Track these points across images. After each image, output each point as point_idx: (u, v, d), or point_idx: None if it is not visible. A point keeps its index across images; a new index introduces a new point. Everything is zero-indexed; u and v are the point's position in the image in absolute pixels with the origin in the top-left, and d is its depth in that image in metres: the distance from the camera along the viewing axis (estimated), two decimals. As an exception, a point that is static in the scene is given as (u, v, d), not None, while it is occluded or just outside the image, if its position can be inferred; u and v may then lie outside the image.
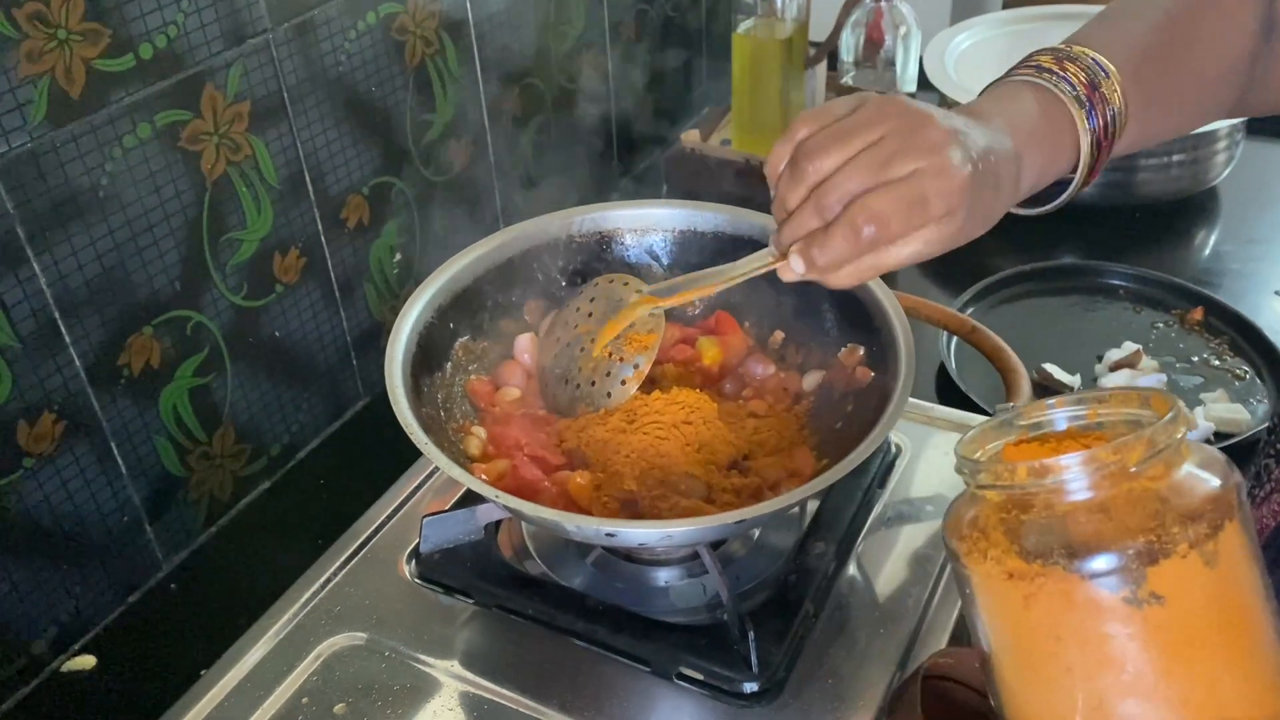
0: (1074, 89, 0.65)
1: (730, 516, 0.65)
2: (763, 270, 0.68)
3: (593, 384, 0.77)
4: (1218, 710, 0.46)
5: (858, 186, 0.60)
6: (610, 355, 0.77)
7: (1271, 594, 0.48)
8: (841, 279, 0.63)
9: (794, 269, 0.64)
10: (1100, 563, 0.45)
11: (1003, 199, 0.64)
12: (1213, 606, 0.46)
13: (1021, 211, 0.69)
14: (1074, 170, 0.67)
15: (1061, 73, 0.65)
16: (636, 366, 0.76)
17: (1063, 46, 0.68)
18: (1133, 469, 0.46)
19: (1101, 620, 0.46)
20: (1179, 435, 0.47)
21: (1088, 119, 0.65)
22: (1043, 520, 0.47)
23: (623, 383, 0.76)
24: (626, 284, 0.78)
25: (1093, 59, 0.66)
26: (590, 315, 0.79)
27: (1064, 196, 0.69)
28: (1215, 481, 0.47)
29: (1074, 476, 0.46)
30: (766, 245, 0.80)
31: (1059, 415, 0.52)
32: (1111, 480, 0.46)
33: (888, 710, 0.57)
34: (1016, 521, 0.48)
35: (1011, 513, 0.48)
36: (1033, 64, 0.67)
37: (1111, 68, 0.66)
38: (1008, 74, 0.68)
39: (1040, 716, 0.49)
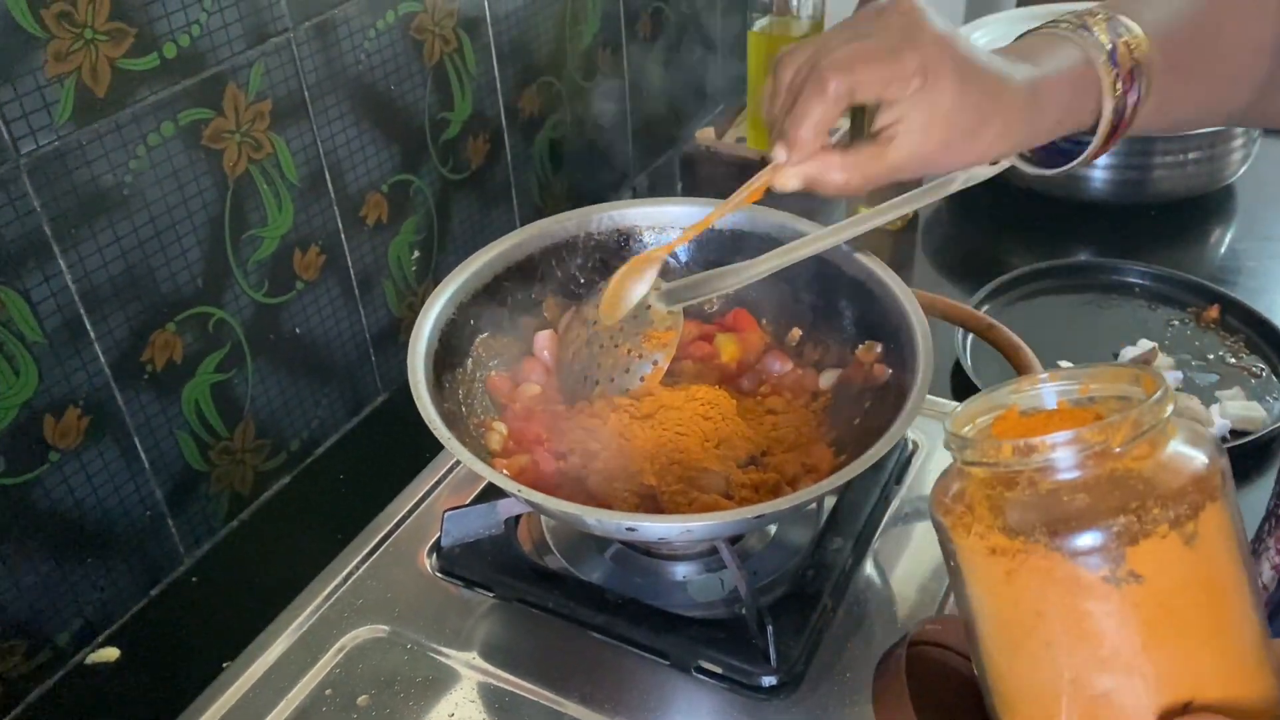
0: (1101, 44, 0.64)
1: (749, 511, 0.66)
2: (758, 187, 0.67)
3: (611, 380, 0.78)
4: (1194, 687, 0.46)
5: (829, 59, 0.60)
6: (629, 352, 0.78)
7: (1254, 573, 0.49)
8: (838, 178, 0.62)
9: (777, 159, 0.63)
10: (1080, 541, 0.45)
11: (1005, 115, 0.62)
12: (1191, 586, 0.46)
13: (1032, 170, 0.69)
14: (1093, 131, 0.67)
15: (1090, 30, 0.65)
16: (655, 363, 0.77)
17: (1095, 7, 0.68)
18: (1117, 449, 0.46)
19: (1081, 597, 0.46)
20: (1165, 415, 0.47)
21: (1114, 74, 0.64)
22: (1026, 497, 0.47)
23: (641, 379, 0.77)
24: None
25: (1122, 20, 0.66)
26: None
27: (1082, 156, 0.69)
28: (1201, 459, 0.47)
29: (1058, 456, 0.47)
30: (783, 243, 0.81)
31: (1050, 390, 0.52)
32: (1096, 460, 0.46)
33: (874, 675, 0.58)
34: (1000, 498, 0.48)
35: (996, 489, 0.48)
36: (1064, 20, 0.67)
37: (1139, 31, 0.65)
38: (1037, 28, 0.68)
39: (1021, 689, 0.50)
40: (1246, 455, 0.96)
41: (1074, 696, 0.47)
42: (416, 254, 1.07)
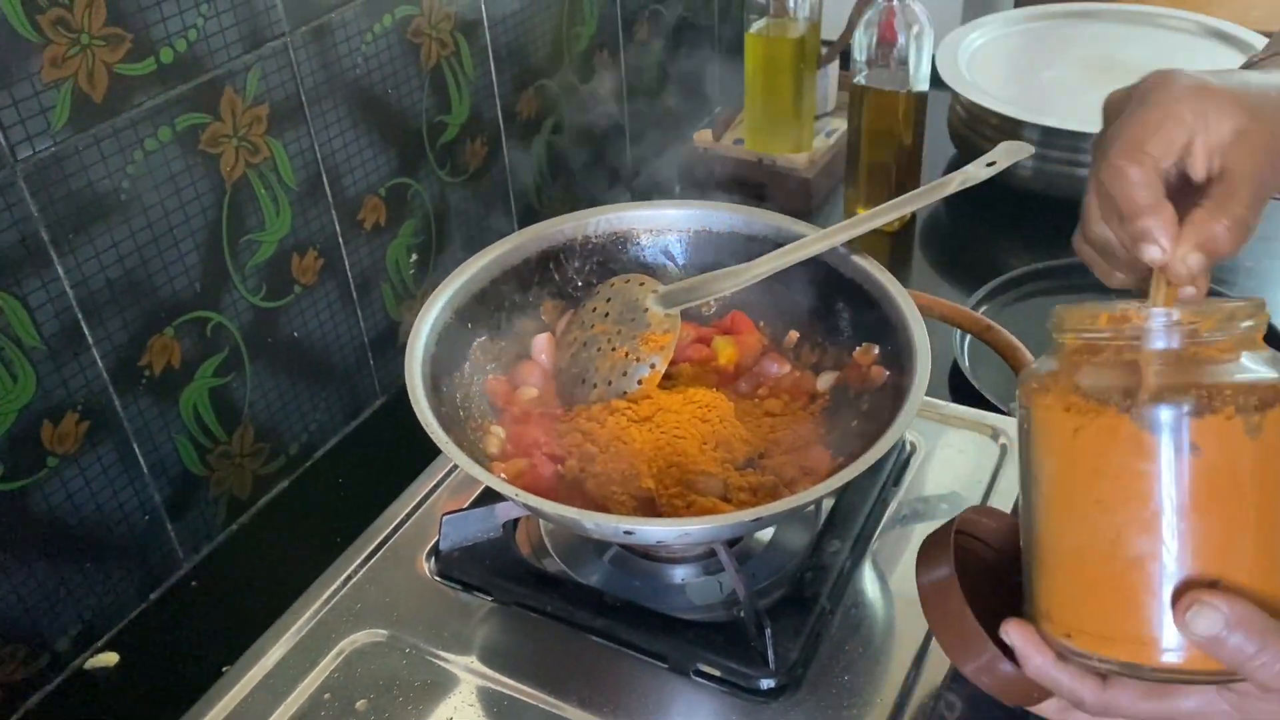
0: None
1: (747, 515, 0.66)
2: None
3: (609, 383, 0.78)
4: (1224, 568, 0.49)
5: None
6: (626, 355, 0.78)
7: None
8: (1221, 234, 0.58)
9: (1152, 258, 0.58)
10: (1149, 406, 0.49)
11: None
12: (1244, 473, 0.49)
13: None
14: None
15: None
16: (653, 366, 0.77)
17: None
18: (1204, 335, 0.50)
19: (1139, 458, 0.49)
20: (1255, 326, 0.51)
21: None
22: (1109, 362, 0.51)
23: (639, 382, 0.77)
24: (642, 284, 0.79)
25: None
26: (606, 315, 0.80)
27: None
28: (1277, 375, 0.50)
29: (1149, 327, 0.50)
30: (781, 245, 0.82)
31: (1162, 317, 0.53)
32: (1181, 339, 0.50)
33: (917, 557, 0.61)
34: (1084, 362, 0.52)
35: (1082, 355, 0.52)
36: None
37: None
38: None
39: (1063, 550, 0.53)
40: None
41: (1110, 557, 0.50)
42: (414, 257, 1.07)
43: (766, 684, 0.70)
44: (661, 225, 0.88)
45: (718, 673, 0.71)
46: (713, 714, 0.70)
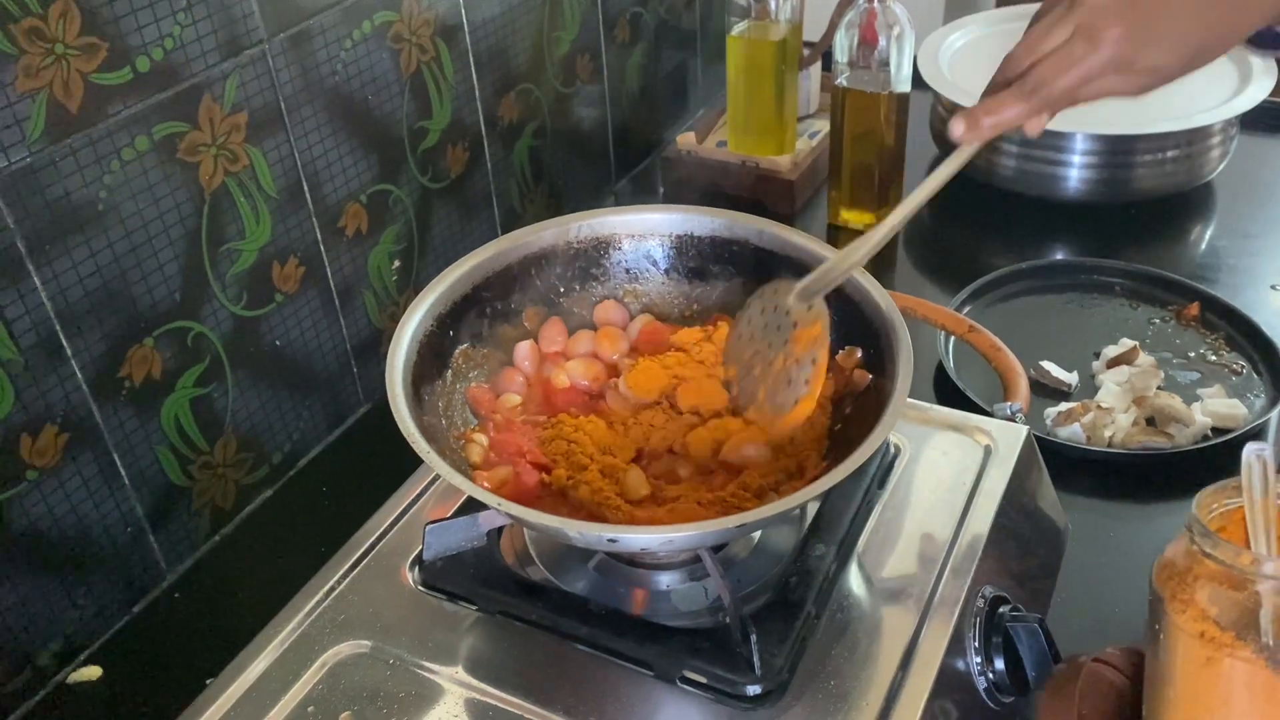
0: None
1: (731, 521, 0.65)
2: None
3: (776, 400, 0.76)
4: None
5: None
6: (784, 361, 0.75)
7: None
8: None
9: (952, 132, 0.70)
10: None
11: (1181, 18, 0.65)
12: None
13: (1253, 53, 0.70)
14: None
15: None
16: (814, 361, 0.74)
17: None
18: None
19: (1273, 705, 0.50)
20: None
21: None
22: (1249, 603, 0.50)
23: (806, 382, 0.74)
24: (775, 291, 0.76)
25: None
26: (753, 337, 0.78)
27: None
28: None
29: None
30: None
31: None
32: None
33: (1045, 691, 0.63)
34: (1225, 594, 0.51)
35: (1223, 585, 0.51)
36: None
37: None
38: None
39: None
40: (1228, 453, 0.96)
41: None
42: (397, 264, 1.06)
43: (752, 690, 0.69)
44: (644, 230, 0.88)
45: (703, 680, 0.70)
46: (699, 721, 0.69)
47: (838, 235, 1.29)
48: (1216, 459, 0.96)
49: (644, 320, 0.87)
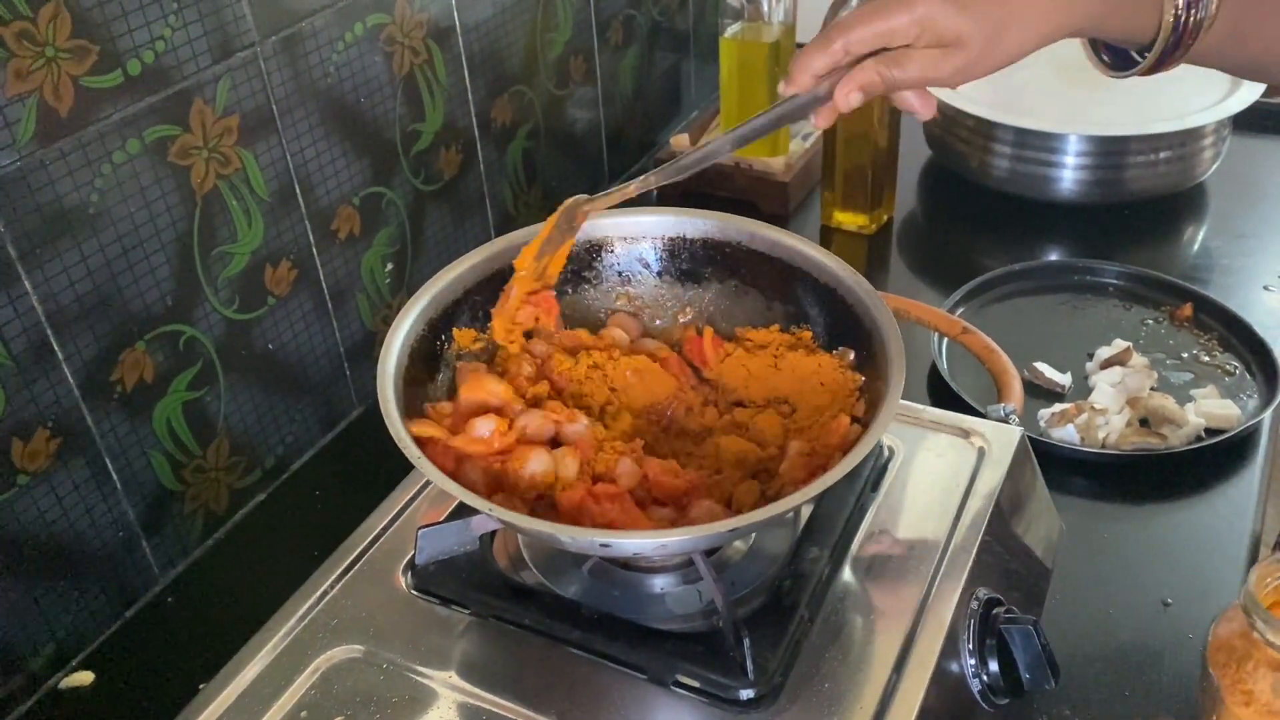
0: None
1: (723, 525, 0.65)
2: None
3: None
4: None
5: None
6: None
7: None
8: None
9: (781, 91, 0.73)
10: None
11: (1024, 16, 0.66)
12: None
13: (1106, 73, 0.73)
14: (1153, 41, 0.68)
15: None
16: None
17: None
18: None
19: None
20: None
21: None
22: None
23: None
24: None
25: None
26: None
27: (1140, 66, 0.70)
28: None
29: None
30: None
31: None
32: None
33: None
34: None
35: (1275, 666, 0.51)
36: None
37: None
38: None
39: None
40: (1222, 453, 0.96)
41: None
42: (390, 266, 1.06)
43: (746, 694, 0.69)
44: (636, 232, 0.87)
45: (697, 684, 0.70)
46: (692, 725, 0.69)
47: (831, 237, 1.29)
48: (1210, 460, 0.96)
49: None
